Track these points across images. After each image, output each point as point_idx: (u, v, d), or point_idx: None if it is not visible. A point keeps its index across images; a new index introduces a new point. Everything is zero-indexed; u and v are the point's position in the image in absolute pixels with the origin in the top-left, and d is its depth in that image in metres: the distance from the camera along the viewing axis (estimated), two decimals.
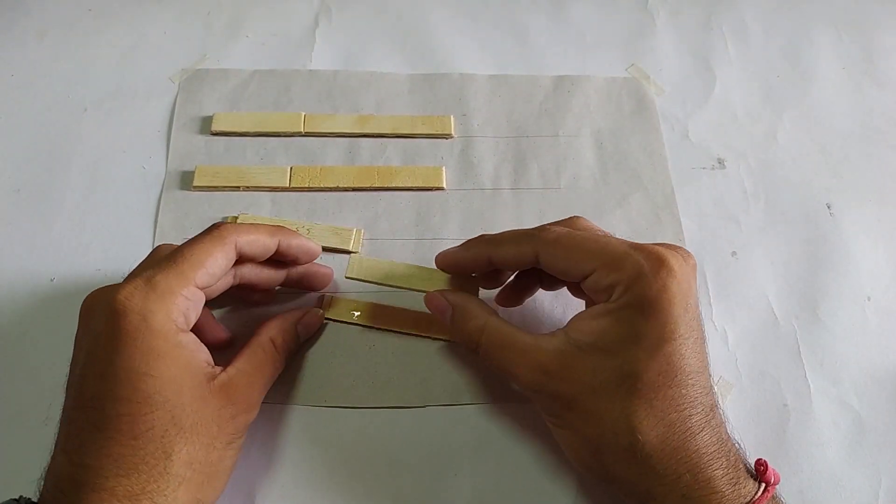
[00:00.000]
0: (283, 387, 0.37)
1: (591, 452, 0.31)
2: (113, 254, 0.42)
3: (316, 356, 0.38)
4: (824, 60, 0.52)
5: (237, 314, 0.40)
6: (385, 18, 0.53)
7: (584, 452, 0.31)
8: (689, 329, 0.30)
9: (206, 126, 0.47)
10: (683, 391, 0.30)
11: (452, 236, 0.43)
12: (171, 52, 0.50)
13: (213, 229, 0.33)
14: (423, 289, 0.37)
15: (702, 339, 0.31)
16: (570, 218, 0.36)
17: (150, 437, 0.28)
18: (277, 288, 0.39)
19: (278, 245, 0.35)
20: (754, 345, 0.40)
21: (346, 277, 0.37)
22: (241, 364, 0.33)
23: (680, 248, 0.32)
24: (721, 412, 0.32)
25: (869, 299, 0.42)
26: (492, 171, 0.46)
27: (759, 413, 0.38)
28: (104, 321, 0.29)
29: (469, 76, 0.50)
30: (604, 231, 0.35)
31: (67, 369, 0.31)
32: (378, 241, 0.43)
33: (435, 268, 0.37)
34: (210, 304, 0.35)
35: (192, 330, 0.32)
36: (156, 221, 0.43)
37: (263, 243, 0.34)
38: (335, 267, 0.41)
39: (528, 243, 0.33)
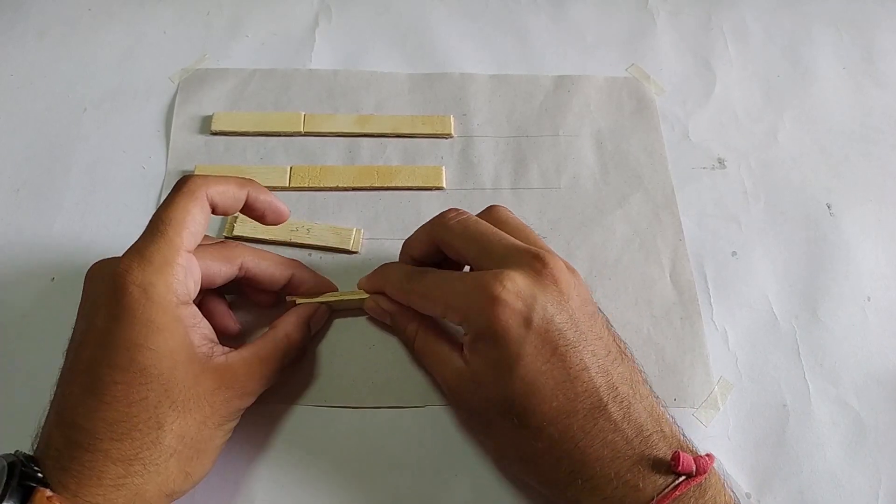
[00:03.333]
0: (283, 387, 0.37)
1: (499, 459, 0.35)
2: (113, 253, 0.41)
3: (316, 356, 0.38)
4: (824, 60, 0.52)
5: (252, 312, 0.40)
6: (385, 18, 0.53)
7: (501, 460, 0.35)
8: (540, 345, 0.30)
9: (205, 126, 0.47)
10: (554, 404, 0.30)
11: None
12: (170, 51, 0.50)
13: (181, 185, 0.32)
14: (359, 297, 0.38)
15: (567, 345, 0.30)
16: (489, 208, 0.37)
17: (143, 406, 0.29)
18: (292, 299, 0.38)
19: (247, 197, 0.34)
20: (754, 345, 0.40)
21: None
22: (245, 352, 0.33)
23: (540, 256, 0.32)
24: (622, 409, 0.30)
25: (869, 299, 0.42)
26: (492, 170, 0.46)
27: (759, 413, 0.38)
28: (105, 292, 0.30)
29: (469, 76, 0.50)
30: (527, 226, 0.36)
31: None
32: (378, 241, 0.43)
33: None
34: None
35: (205, 315, 0.32)
36: None
37: (233, 194, 0.34)
38: (335, 267, 0.41)
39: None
